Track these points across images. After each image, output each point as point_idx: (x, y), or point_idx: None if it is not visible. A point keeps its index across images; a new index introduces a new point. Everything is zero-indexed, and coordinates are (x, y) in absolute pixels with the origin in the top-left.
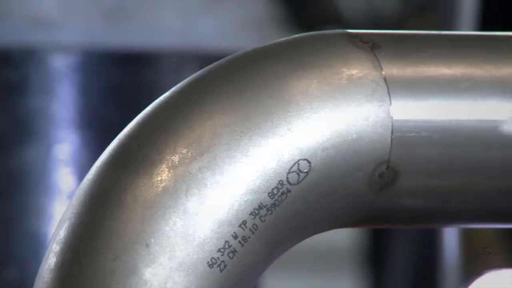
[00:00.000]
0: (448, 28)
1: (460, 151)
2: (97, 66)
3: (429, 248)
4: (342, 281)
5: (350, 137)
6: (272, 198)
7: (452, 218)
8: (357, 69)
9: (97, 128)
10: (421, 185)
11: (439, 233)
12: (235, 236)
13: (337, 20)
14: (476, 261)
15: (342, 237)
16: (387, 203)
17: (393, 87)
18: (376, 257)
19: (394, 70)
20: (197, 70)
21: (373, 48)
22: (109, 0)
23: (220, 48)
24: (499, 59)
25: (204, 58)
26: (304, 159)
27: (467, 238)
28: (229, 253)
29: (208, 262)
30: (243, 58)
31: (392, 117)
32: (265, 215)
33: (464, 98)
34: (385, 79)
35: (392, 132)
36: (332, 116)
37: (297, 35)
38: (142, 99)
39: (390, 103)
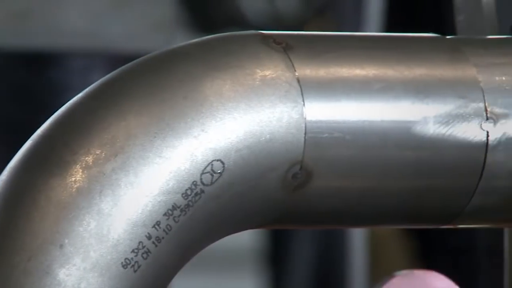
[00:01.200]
0: (350, 29)
1: (373, 152)
2: (3, 67)
3: (333, 248)
4: (243, 281)
5: (263, 138)
6: (186, 199)
7: (365, 219)
8: (270, 70)
9: (3, 129)
10: (334, 186)
11: (344, 233)
12: (149, 237)
13: (240, 21)
14: (381, 262)
15: (243, 237)
16: (300, 204)
17: (307, 88)
18: (277, 257)
19: (307, 71)
20: (104, 71)
21: (286, 49)
22: (16, 0)
23: (128, 49)
24: (412, 60)
25: (111, 59)
26: (217, 160)
27: (371, 238)
28: (143, 253)
29: (122, 262)
30: (157, 59)
31: (305, 118)
32: (179, 215)
33: (377, 99)
34: (298, 80)
35: (305, 133)
36: (246, 117)
37: (210, 36)
38: (50, 100)
39: (304, 104)
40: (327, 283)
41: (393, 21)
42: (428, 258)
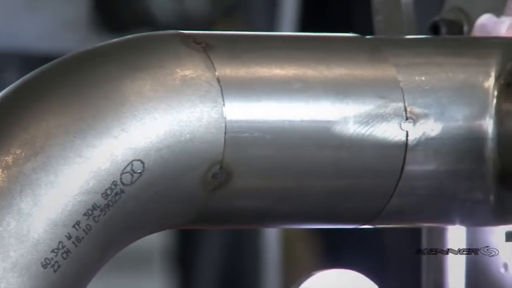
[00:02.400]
0: (261, 29)
1: (293, 151)
2: None
3: (245, 248)
4: (150, 282)
5: (183, 138)
6: (106, 199)
7: (286, 218)
8: (190, 70)
9: None
10: (255, 186)
11: (256, 234)
12: (69, 237)
13: (149, 21)
14: (290, 261)
15: (151, 237)
16: (220, 204)
17: (227, 88)
18: (185, 257)
19: (227, 71)
20: (19, 71)
21: (206, 49)
22: None
23: (42, 49)
24: (332, 60)
25: (25, 59)
26: (137, 160)
27: (284, 238)
28: (62, 253)
29: (41, 262)
30: (77, 59)
31: (225, 118)
32: (99, 215)
33: (297, 99)
34: (218, 80)
35: (225, 133)
36: (166, 117)
37: (130, 36)
38: None
39: (224, 104)
40: (238, 284)
41: (304, 21)
42: (338, 257)
